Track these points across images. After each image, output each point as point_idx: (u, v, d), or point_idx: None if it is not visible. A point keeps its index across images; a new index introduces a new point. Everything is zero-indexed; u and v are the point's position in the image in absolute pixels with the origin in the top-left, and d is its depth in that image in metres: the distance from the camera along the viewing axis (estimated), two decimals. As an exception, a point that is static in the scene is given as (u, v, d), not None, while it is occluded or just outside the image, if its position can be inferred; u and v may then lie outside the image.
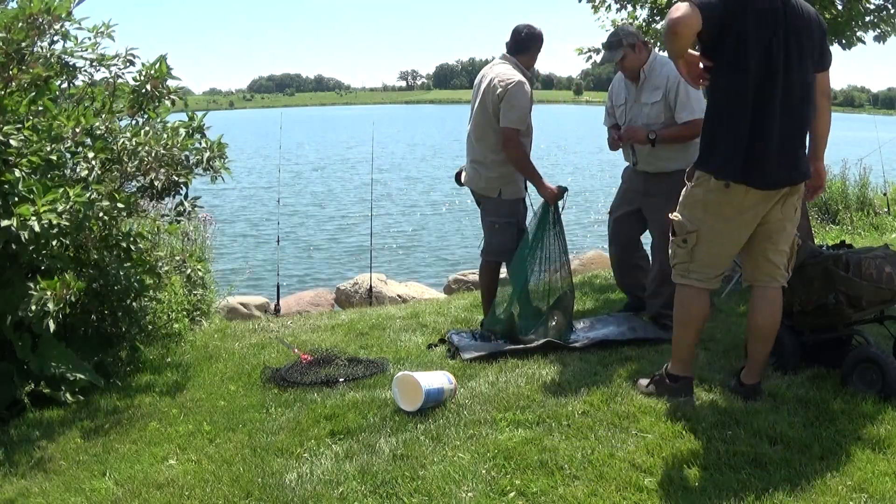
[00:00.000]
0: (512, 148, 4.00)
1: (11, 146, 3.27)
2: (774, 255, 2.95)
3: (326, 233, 13.54)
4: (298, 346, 4.26)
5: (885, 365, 3.00)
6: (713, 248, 2.89)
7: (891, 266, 3.11)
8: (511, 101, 3.95)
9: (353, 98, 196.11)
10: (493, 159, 4.10)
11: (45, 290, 3.05)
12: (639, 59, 4.09)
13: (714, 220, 2.85)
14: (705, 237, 2.88)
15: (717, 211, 2.83)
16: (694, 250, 2.91)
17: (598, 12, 6.42)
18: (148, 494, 2.54)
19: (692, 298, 2.99)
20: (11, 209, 3.11)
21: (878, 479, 2.37)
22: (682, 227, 2.93)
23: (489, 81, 4.07)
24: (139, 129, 3.84)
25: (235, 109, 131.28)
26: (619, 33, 4.13)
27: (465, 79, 63.41)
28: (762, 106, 2.72)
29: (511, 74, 4.04)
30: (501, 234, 4.19)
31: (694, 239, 2.89)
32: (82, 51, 3.72)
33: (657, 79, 4.07)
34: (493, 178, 4.12)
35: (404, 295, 7.14)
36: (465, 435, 2.84)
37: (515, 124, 3.98)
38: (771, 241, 2.93)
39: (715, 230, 2.86)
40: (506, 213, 4.17)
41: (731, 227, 2.85)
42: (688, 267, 2.96)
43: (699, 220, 2.88)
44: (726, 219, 2.84)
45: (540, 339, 3.92)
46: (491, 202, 4.19)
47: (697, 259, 2.92)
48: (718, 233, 2.87)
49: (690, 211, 2.91)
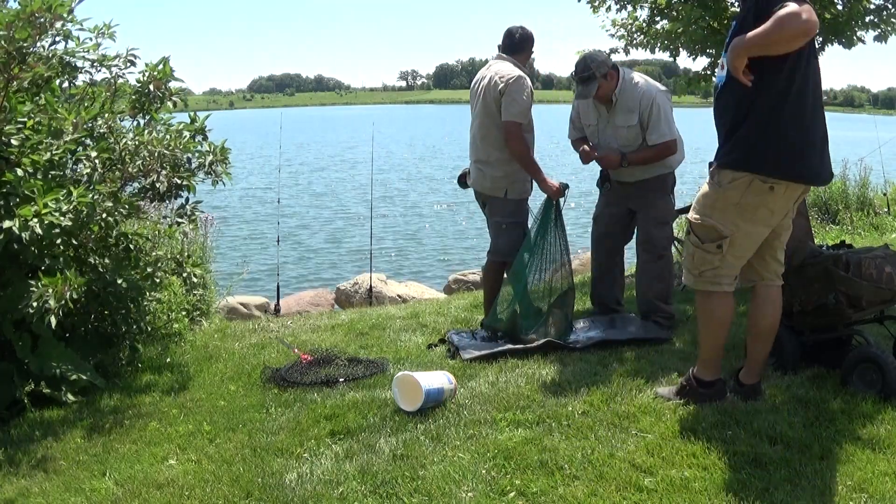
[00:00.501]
0: (514, 141, 4.01)
1: (13, 145, 3.27)
2: (780, 253, 2.96)
3: (327, 233, 13.55)
4: (298, 346, 4.27)
5: (885, 365, 3.00)
6: (743, 251, 2.83)
7: (891, 266, 3.11)
8: (512, 94, 3.97)
9: (353, 98, 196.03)
10: (497, 158, 4.10)
11: (46, 287, 3.04)
12: (611, 87, 4.10)
13: (748, 223, 2.77)
14: (738, 241, 2.80)
15: (753, 213, 2.75)
16: (726, 255, 2.82)
17: (598, 12, 6.41)
18: (148, 494, 2.54)
19: (721, 303, 2.92)
20: (13, 210, 3.11)
21: (878, 479, 2.37)
22: (714, 231, 2.80)
23: (489, 79, 4.08)
24: (142, 130, 3.85)
25: (235, 109, 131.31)
26: (591, 66, 4.02)
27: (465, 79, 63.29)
28: (804, 102, 2.69)
29: (510, 70, 4.07)
30: (508, 235, 4.19)
31: (727, 244, 2.80)
32: (84, 51, 3.72)
33: (630, 101, 4.08)
34: (498, 177, 4.13)
35: (404, 295, 7.15)
36: (465, 435, 2.84)
37: (517, 118, 3.99)
38: (780, 239, 2.93)
39: (747, 233, 2.79)
40: (512, 213, 4.17)
41: (760, 228, 2.80)
42: (717, 272, 2.86)
43: (733, 223, 2.78)
44: (759, 220, 2.78)
45: (540, 338, 3.92)
46: (497, 202, 4.19)
47: (728, 263, 2.84)
48: (749, 235, 2.80)
49: (723, 214, 2.78)
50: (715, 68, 6.45)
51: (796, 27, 2.44)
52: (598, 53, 4.18)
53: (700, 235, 2.84)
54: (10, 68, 3.35)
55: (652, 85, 4.13)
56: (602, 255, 4.53)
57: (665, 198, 4.27)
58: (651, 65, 28.86)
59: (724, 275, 2.87)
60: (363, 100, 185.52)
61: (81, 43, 3.71)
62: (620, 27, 6.39)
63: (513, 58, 4.18)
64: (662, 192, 4.26)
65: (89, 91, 3.89)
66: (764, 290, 2.98)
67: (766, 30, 2.48)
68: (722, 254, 2.81)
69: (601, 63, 4.05)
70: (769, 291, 2.98)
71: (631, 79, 4.12)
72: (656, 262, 4.24)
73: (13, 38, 3.28)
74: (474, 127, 4.23)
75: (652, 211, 4.22)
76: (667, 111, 4.06)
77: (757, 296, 3.00)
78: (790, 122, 2.68)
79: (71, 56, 3.70)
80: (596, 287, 4.59)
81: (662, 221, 4.26)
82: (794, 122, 2.68)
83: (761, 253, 2.93)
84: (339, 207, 16.51)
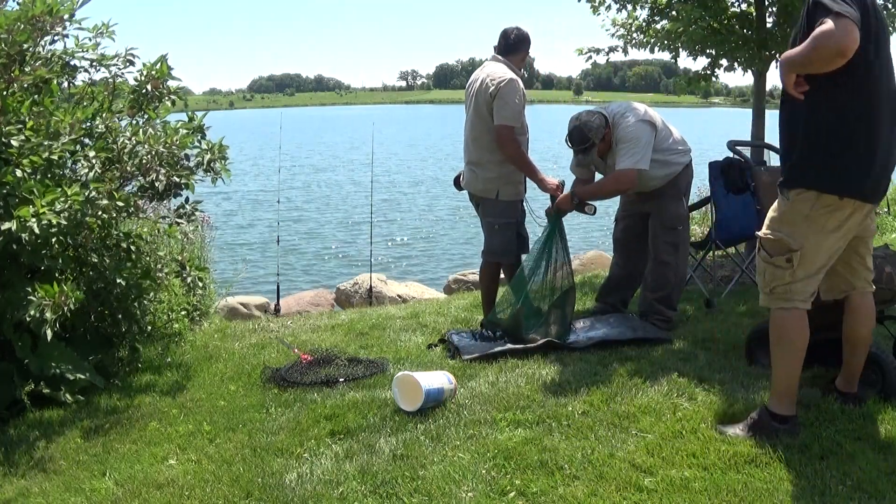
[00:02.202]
0: (507, 145, 4.01)
1: (12, 146, 3.27)
2: (868, 259, 2.89)
3: (327, 233, 13.55)
4: (298, 346, 4.27)
5: (885, 365, 3.00)
6: (814, 264, 2.72)
7: (891, 266, 3.11)
8: (504, 98, 3.96)
9: (353, 98, 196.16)
10: (489, 159, 4.10)
11: (43, 298, 3.04)
12: (608, 143, 4.12)
13: (817, 235, 2.68)
14: (808, 253, 2.69)
15: (822, 225, 2.66)
16: (797, 270, 2.71)
17: (598, 12, 6.43)
18: (148, 494, 2.54)
19: (795, 323, 2.72)
20: (12, 211, 3.11)
21: (878, 479, 2.37)
22: (784, 245, 2.68)
23: (481, 81, 4.08)
24: (139, 129, 3.84)
25: (235, 109, 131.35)
26: (589, 135, 4.01)
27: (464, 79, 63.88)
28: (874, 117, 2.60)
29: (502, 73, 4.05)
30: (501, 235, 4.19)
31: (797, 257, 2.69)
32: (83, 51, 3.72)
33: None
34: (490, 178, 4.13)
35: (404, 295, 7.15)
36: (465, 435, 2.84)
37: (509, 121, 3.98)
38: (866, 245, 2.87)
39: (818, 245, 2.69)
40: (504, 214, 4.17)
41: (832, 240, 2.70)
42: (790, 288, 2.72)
43: (803, 236, 2.68)
44: (829, 231, 2.67)
45: (540, 338, 3.92)
46: (489, 203, 4.19)
47: (799, 278, 2.72)
48: (820, 247, 2.69)
49: (792, 228, 2.69)
50: (715, 68, 6.47)
51: (830, 47, 2.35)
52: (590, 118, 4.05)
53: (769, 250, 2.75)
54: (10, 70, 3.35)
55: (639, 117, 4.07)
56: (620, 256, 4.57)
57: (676, 202, 4.24)
58: (651, 65, 28.77)
59: (797, 291, 2.72)
60: (363, 100, 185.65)
61: (80, 43, 3.71)
62: (620, 27, 6.40)
63: (507, 59, 4.17)
64: (674, 195, 4.23)
65: (88, 91, 3.89)
66: (859, 298, 2.88)
67: (803, 50, 2.42)
68: (792, 268, 2.70)
69: (597, 129, 4.02)
70: (864, 299, 2.89)
71: (621, 121, 4.06)
72: (658, 266, 4.24)
73: (14, 41, 3.28)
74: (467, 129, 4.24)
75: (661, 216, 4.23)
76: (637, 142, 3.97)
77: (852, 305, 2.89)
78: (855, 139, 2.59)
79: (70, 56, 3.70)
80: (607, 285, 4.63)
81: (669, 226, 4.23)
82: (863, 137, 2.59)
83: (848, 261, 2.84)
84: (339, 207, 16.51)
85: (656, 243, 4.25)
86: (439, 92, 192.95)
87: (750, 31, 5.94)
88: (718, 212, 5.12)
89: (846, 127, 2.58)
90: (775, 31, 5.86)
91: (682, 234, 4.30)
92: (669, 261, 4.24)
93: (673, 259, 4.25)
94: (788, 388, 2.72)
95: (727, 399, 3.06)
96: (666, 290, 4.25)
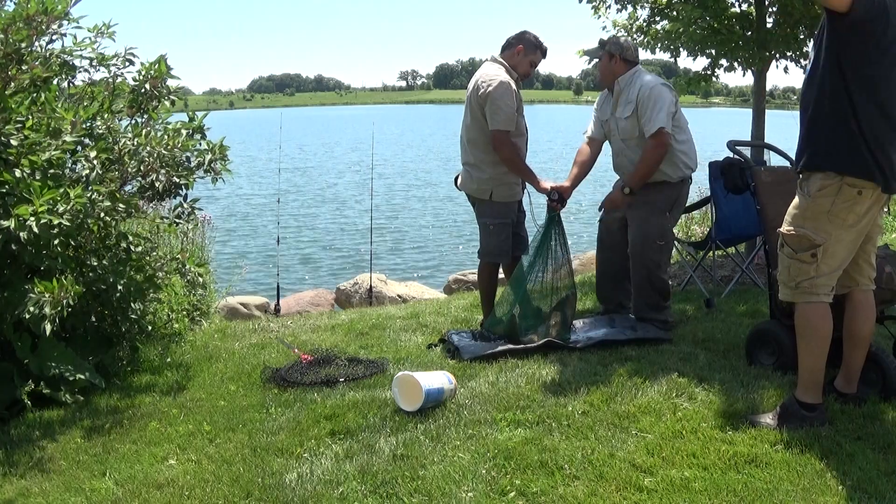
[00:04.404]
0: (503, 149, 4.01)
1: (12, 146, 3.27)
2: (873, 256, 2.91)
3: (327, 232, 13.55)
4: (298, 346, 4.27)
5: (885, 365, 3.00)
6: (837, 258, 2.77)
7: (891, 266, 3.11)
8: (495, 103, 3.94)
9: (353, 98, 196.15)
10: (483, 160, 4.10)
11: (42, 293, 3.04)
12: (609, 69, 4.14)
13: (839, 230, 2.72)
14: (830, 248, 2.74)
15: (844, 219, 2.71)
16: (820, 264, 2.76)
17: (599, 12, 6.42)
18: (148, 494, 2.54)
19: (821, 315, 2.79)
20: (10, 210, 3.10)
21: (878, 479, 2.37)
22: (807, 240, 2.74)
23: (475, 83, 4.08)
24: (140, 130, 3.84)
25: (235, 109, 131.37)
26: (607, 40, 4.23)
27: (464, 79, 63.85)
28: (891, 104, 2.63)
29: (494, 75, 4.02)
30: (497, 236, 4.19)
31: (821, 252, 2.74)
32: (81, 50, 3.72)
33: (630, 93, 4.08)
34: (484, 179, 4.12)
35: (404, 295, 7.15)
36: (465, 435, 2.84)
37: (503, 126, 3.98)
38: (872, 242, 2.89)
39: (839, 239, 2.74)
40: (498, 215, 4.17)
41: (852, 233, 2.74)
42: (814, 282, 2.78)
43: (826, 231, 2.72)
44: (849, 226, 2.72)
45: (540, 339, 3.92)
46: (483, 204, 4.20)
47: (823, 273, 2.77)
48: (841, 241, 2.74)
49: (815, 223, 2.73)
50: (715, 68, 6.47)
51: None
52: (622, 38, 4.29)
53: (793, 246, 2.79)
54: (7, 69, 3.35)
55: (657, 80, 4.11)
56: (602, 256, 4.55)
57: (657, 215, 4.13)
58: (651, 65, 28.95)
59: (821, 284, 2.78)
60: (363, 100, 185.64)
61: (79, 42, 3.71)
62: (621, 28, 6.40)
63: (502, 56, 4.17)
64: (655, 207, 4.12)
65: (88, 91, 3.89)
66: (861, 295, 2.91)
67: None
68: (816, 262, 2.75)
69: (615, 44, 4.17)
70: (867, 297, 2.92)
71: (640, 76, 4.12)
72: (637, 273, 4.20)
73: (10, 41, 3.28)
74: (463, 130, 4.24)
75: (637, 225, 4.15)
76: (663, 101, 3.97)
77: (854, 302, 2.92)
78: (875, 126, 2.61)
79: (68, 55, 3.70)
80: (599, 286, 4.62)
81: (646, 236, 4.13)
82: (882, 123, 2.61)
83: (855, 258, 2.86)
84: (339, 207, 16.51)
85: (633, 253, 4.17)
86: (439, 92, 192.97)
87: (750, 31, 5.93)
88: (718, 212, 5.12)
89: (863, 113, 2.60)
90: (775, 31, 5.86)
91: (663, 248, 4.22)
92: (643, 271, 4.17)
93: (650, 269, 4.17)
94: (815, 378, 2.80)
95: (727, 399, 3.06)
96: (644, 297, 4.21)
